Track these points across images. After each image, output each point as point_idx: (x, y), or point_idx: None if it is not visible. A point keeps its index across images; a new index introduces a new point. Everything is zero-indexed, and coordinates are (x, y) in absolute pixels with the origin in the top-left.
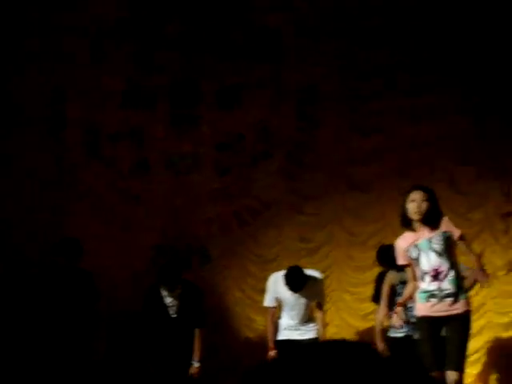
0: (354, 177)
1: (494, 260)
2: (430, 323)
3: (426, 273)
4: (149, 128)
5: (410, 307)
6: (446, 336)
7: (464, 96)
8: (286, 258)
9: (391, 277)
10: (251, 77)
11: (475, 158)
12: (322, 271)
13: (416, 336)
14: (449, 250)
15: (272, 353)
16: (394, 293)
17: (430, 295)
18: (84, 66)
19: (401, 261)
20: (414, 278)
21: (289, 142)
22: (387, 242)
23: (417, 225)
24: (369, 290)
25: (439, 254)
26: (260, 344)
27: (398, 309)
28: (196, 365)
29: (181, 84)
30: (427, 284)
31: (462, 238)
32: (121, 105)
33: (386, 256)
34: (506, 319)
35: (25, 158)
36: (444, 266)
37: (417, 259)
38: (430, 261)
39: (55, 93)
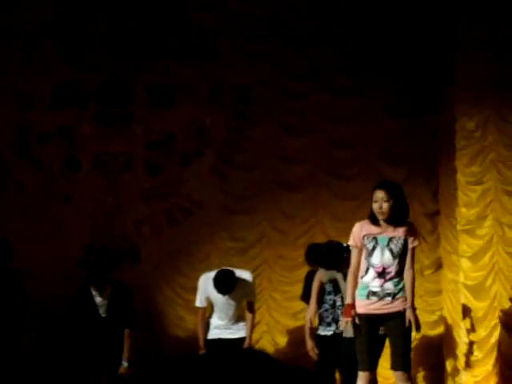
0: (286, 176)
1: (422, 259)
2: (368, 321)
3: (372, 266)
4: (79, 127)
5: (339, 305)
6: (384, 335)
7: (394, 96)
8: (217, 257)
9: (321, 275)
10: (184, 76)
11: (403, 157)
12: (253, 270)
13: (349, 334)
14: (403, 254)
15: (202, 352)
16: (323, 291)
17: (371, 293)
18: (14, 65)
19: (352, 241)
20: (355, 264)
21: (221, 141)
22: (316, 241)
23: (381, 222)
24: (299, 289)
25: (393, 256)
26: (191, 343)
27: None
28: (125, 365)
29: (112, 83)
30: (370, 279)
31: (413, 250)
32: (51, 104)
33: (314, 255)
34: (432, 317)
35: None
36: (393, 267)
37: (370, 251)
38: (382, 257)
39: None
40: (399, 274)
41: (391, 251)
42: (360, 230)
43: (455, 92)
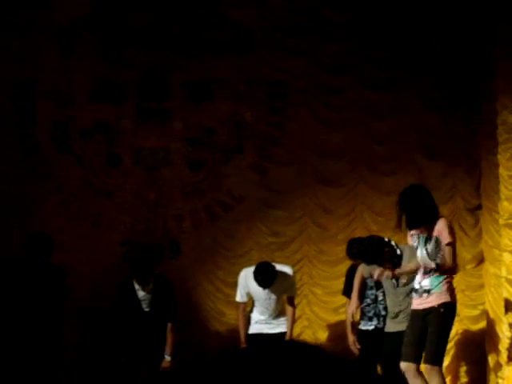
0: (324, 171)
1: (463, 253)
2: (413, 316)
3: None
4: (118, 123)
5: (381, 300)
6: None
7: (433, 90)
8: (256, 252)
9: (362, 270)
10: (221, 71)
11: (443, 152)
12: (293, 265)
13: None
14: (438, 252)
15: (243, 346)
16: (364, 286)
17: (414, 289)
18: (53, 61)
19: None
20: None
21: (260, 136)
22: (357, 236)
23: None
24: (339, 284)
25: (429, 255)
26: (231, 338)
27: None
28: (168, 359)
29: (149, 78)
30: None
31: (448, 246)
32: (90, 100)
33: (356, 249)
34: (475, 312)
35: None
36: (430, 265)
37: (415, 249)
38: (421, 256)
39: (24, 88)
40: (436, 269)
41: (427, 250)
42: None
43: (496, 85)
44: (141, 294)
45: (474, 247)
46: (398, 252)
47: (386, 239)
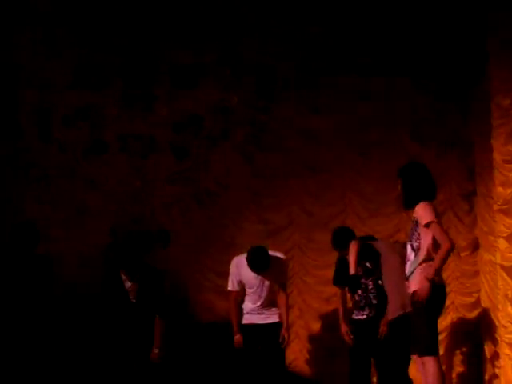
0: (313, 157)
1: (458, 240)
2: None
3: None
4: (102, 109)
5: (371, 289)
6: None
7: (425, 74)
8: (246, 240)
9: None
10: (208, 56)
11: (435, 137)
12: (284, 254)
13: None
14: (413, 235)
15: (237, 337)
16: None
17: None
18: (35, 47)
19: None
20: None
21: (247, 122)
22: (348, 223)
23: None
24: (331, 273)
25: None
26: (222, 328)
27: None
28: (156, 350)
29: (135, 64)
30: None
31: (427, 225)
32: (73, 86)
33: (340, 239)
34: (469, 300)
35: None
36: (408, 249)
37: None
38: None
39: (5, 74)
40: (412, 252)
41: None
42: None
43: (490, 70)
44: (128, 284)
45: (468, 234)
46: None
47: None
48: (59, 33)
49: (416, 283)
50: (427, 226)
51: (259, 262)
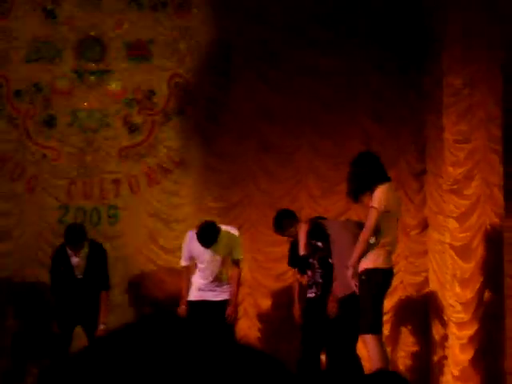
0: (268, 135)
1: (407, 219)
2: None
3: None
4: (54, 83)
5: (317, 268)
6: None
7: (380, 53)
8: (199, 217)
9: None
10: (162, 30)
11: (390, 115)
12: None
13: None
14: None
15: (182, 309)
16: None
17: None
18: None
19: None
20: None
21: (203, 98)
22: (301, 201)
23: None
24: (283, 250)
25: None
26: (171, 305)
27: None
28: (102, 327)
29: (88, 37)
30: None
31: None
32: (25, 60)
33: (279, 222)
34: (418, 279)
35: None
36: None
37: None
38: None
39: None
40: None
41: None
42: None
43: (443, 48)
44: (74, 260)
45: (418, 213)
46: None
47: None
48: (14, 6)
49: (362, 263)
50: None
51: (206, 236)
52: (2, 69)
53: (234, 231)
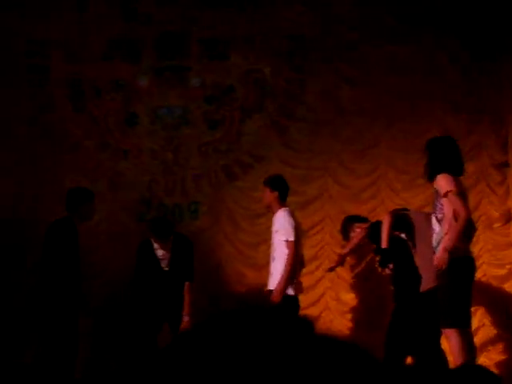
0: (345, 129)
1: (491, 211)
2: None
3: None
4: (135, 81)
5: None
6: None
7: (457, 44)
8: None
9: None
10: (240, 26)
11: (468, 108)
12: (315, 225)
13: None
14: (436, 206)
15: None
16: None
17: None
18: (68, 18)
19: None
20: None
21: (279, 93)
22: (380, 196)
23: None
24: None
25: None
26: (252, 299)
27: None
28: (186, 319)
29: (167, 35)
30: None
31: (445, 195)
32: (106, 57)
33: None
34: (501, 272)
35: (9, 109)
36: (432, 221)
37: None
38: None
39: (38, 46)
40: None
41: None
42: None
43: None
44: (160, 252)
45: (501, 205)
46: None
47: None
48: (93, 3)
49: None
50: (445, 195)
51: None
52: (81, 67)
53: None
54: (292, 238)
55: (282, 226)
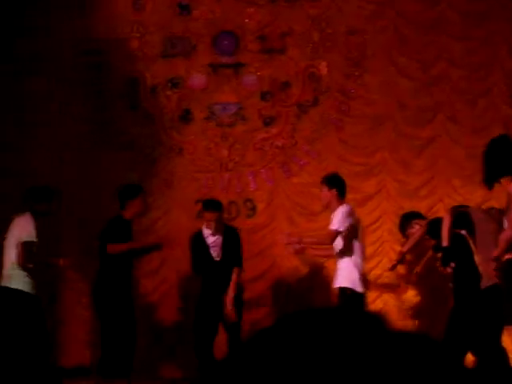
0: (403, 124)
1: None
2: None
3: None
4: (190, 78)
5: None
6: None
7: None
8: None
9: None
10: (296, 22)
11: None
12: (373, 222)
13: None
14: (507, 209)
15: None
16: None
17: None
18: (125, 16)
19: None
20: None
21: (336, 89)
22: (438, 192)
23: None
24: None
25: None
26: (304, 294)
27: None
28: (229, 307)
29: (222, 32)
30: None
31: None
32: (161, 55)
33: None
34: None
35: (66, 107)
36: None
37: None
38: None
39: (95, 45)
40: None
41: None
42: None
43: None
44: (210, 239)
45: None
46: None
47: None
48: (149, 1)
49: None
50: None
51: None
52: (137, 64)
53: None
54: (335, 228)
55: (335, 217)
